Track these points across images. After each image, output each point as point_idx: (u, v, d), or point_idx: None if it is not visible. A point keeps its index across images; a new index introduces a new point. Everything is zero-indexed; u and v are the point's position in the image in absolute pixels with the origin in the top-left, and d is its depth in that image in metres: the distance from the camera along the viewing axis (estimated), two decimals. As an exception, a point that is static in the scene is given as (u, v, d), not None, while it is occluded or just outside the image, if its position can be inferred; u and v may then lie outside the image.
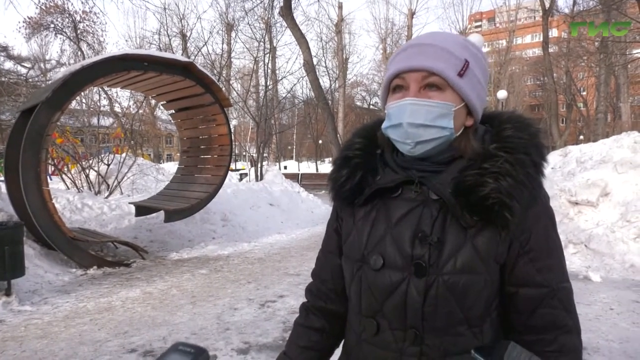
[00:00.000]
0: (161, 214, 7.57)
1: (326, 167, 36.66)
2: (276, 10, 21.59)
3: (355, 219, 0.99)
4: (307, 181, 20.04)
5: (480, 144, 0.92)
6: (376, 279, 0.91)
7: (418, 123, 0.88)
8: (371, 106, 49.52)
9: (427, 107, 0.88)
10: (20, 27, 20.90)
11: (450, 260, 0.86)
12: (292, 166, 38.96)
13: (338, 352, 1.09)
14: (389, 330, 0.91)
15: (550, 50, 28.95)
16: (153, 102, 20.13)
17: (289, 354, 1.08)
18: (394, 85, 0.93)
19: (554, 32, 35.04)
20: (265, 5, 20.54)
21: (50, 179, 10.71)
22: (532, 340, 0.89)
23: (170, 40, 23.16)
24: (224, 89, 12.67)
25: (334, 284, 1.07)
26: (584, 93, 37.93)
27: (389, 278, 0.89)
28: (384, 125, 0.95)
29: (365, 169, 0.98)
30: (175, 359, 0.63)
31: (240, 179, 18.59)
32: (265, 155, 20.49)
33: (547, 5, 24.75)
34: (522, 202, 0.85)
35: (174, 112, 8.86)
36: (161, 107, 13.31)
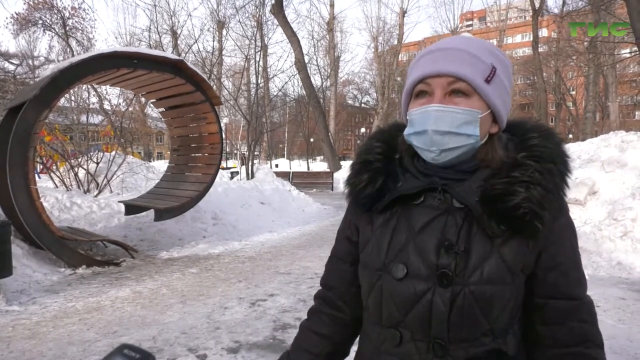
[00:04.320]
0: (151, 212, 7.52)
1: (317, 165, 36.63)
2: (267, 8, 21.60)
3: (373, 227, 0.95)
4: (299, 180, 19.98)
5: (505, 152, 0.91)
6: (399, 288, 0.88)
7: (443, 130, 0.85)
8: (362, 104, 49.64)
9: (453, 113, 0.85)
10: (7, 23, 20.65)
11: (476, 270, 0.84)
12: (283, 164, 38.88)
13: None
14: (411, 341, 0.89)
15: (540, 49, 29.21)
16: (143, 99, 19.99)
17: (292, 355, 1.06)
18: (418, 91, 0.90)
19: (543, 32, 35.34)
20: (257, 2, 20.51)
21: (39, 178, 10.62)
22: (561, 354, 0.89)
23: (160, 37, 22.98)
24: (214, 87, 12.63)
25: (343, 291, 1.04)
26: (573, 92, 38.34)
27: (413, 287, 0.87)
28: (406, 131, 0.92)
29: (386, 175, 0.95)
30: None
31: (231, 178, 18.52)
32: (256, 153, 20.43)
33: (537, 5, 24.93)
34: (552, 212, 0.85)
35: (164, 110, 8.80)
36: (151, 105, 13.23)
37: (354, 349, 1.08)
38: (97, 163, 10.91)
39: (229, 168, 25.62)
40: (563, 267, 0.89)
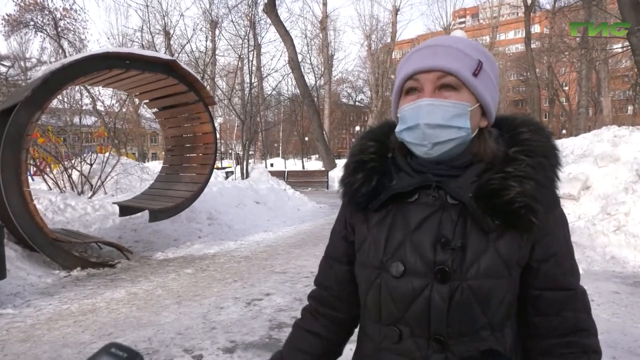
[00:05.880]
0: (146, 213, 7.50)
1: (312, 164, 36.63)
2: (260, 7, 21.55)
3: (369, 225, 0.96)
4: (294, 179, 19.97)
5: (496, 146, 0.92)
6: (397, 286, 0.89)
7: (435, 123, 0.86)
8: (357, 103, 49.64)
9: (443, 107, 0.87)
10: (-2, 25, 20.51)
11: (473, 265, 0.85)
12: (278, 163, 38.84)
13: None
14: (411, 337, 0.90)
15: (533, 46, 29.33)
16: (136, 100, 19.90)
17: (285, 356, 1.06)
18: (407, 88, 0.91)
19: (536, 28, 35.47)
20: (249, 2, 20.48)
21: (32, 180, 10.54)
22: (556, 344, 0.90)
23: (153, 37, 22.92)
24: (208, 86, 12.60)
25: (338, 291, 1.04)
26: (566, 88, 38.49)
27: (411, 285, 0.87)
28: (398, 128, 0.93)
29: (381, 173, 0.96)
30: None
31: (226, 177, 18.50)
32: (251, 153, 20.40)
33: (529, 1, 25.02)
34: (545, 205, 0.86)
35: (157, 110, 8.77)
36: (145, 106, 13.18)
37: (350, 347, 1.08)
38: (91, 164, 10.85)
39: (224, 168, 25.58)
40: (557, 258, 0.90)
